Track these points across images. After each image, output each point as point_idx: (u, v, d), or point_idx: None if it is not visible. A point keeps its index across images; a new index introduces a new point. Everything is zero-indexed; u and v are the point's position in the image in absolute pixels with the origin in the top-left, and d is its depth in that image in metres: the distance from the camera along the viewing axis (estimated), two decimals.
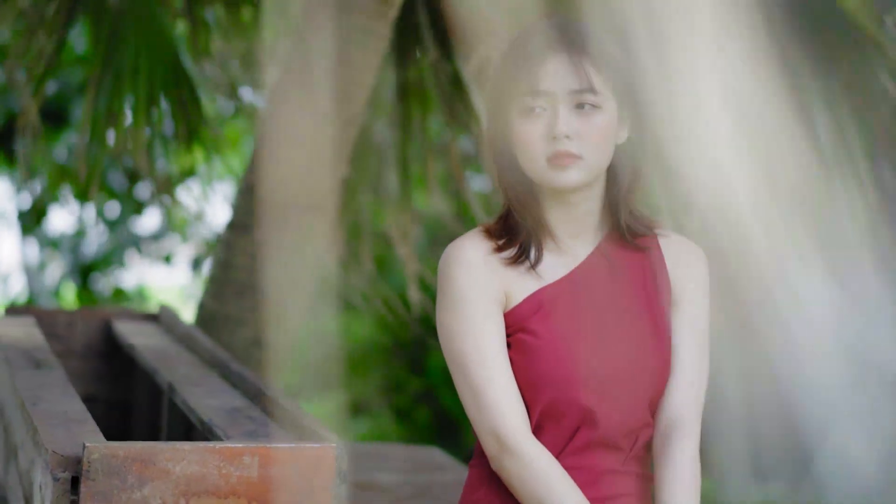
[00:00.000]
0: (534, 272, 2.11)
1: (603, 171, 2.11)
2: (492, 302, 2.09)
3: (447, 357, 2.11)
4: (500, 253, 2.11)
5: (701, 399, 2.15)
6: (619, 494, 2.12)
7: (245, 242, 3.63)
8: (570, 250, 2.14)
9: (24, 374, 2.64)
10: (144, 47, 3.79)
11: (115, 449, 1.98)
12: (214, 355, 2.86)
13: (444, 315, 2.11)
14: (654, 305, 2.14)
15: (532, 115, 2.07)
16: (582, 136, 2.05)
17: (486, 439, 2.07)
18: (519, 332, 2.09)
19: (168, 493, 2.00)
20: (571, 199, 2.11)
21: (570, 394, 2.07)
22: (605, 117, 2.06)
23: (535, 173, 2.09)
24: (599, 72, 2.06)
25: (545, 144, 2.06)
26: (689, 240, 2.21)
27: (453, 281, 2.10)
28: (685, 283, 2.17)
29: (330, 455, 2.07)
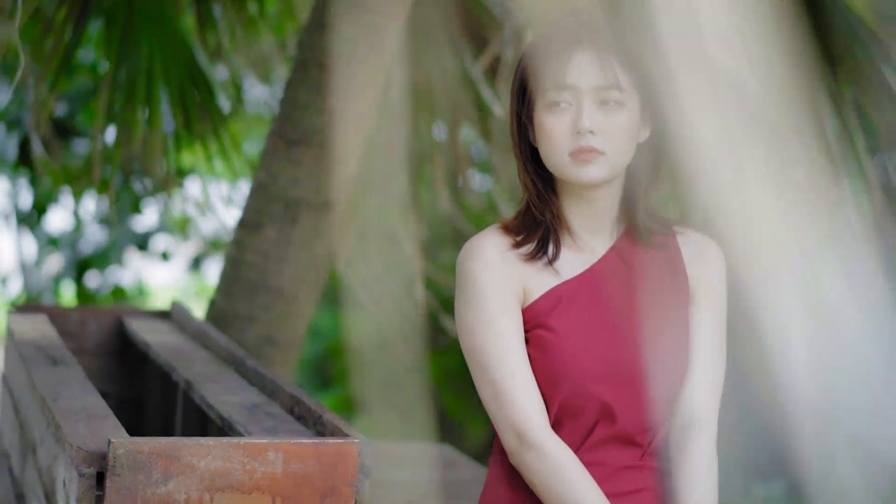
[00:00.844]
0: (551, 268, 2.13)
1: (624, 168, 2.12)
2: (510, 297, 2.10)
3: (466, 353, 2.13)
4: (518, 249, 2.12)
5: (718, 396, 2.17)
6: (636, 490, 2.13)
7: (256, 240, 3.63)
8: (587, 247, 2.15)
9: (42, 371, 2.64)
10: (158, 48, 3.79)
11: (140, 444, 1.99)
12: (230, 352, 2.87)
13: (462, 311, 2.12)
14: (671, 301, 2.16)
15: (557, 109, 2.08)
16: (605, 132, 2.06)
17: (506, 435, 2.08)
18: (537, 328, 2.10)
19: (192, 488, 2.01)
20: (591, 196, 2.12)
21: (589, 389, 2.08)
22: (629, 115, 2.08)
23: (557, 167, 2.10)
24: (625, 69, 2.07)
25: (569, 139, 2.07)
26: (706, 237, 2.22)
27: (472, 277, 2.11)
28: (702, 280, 2.18)
29: (353, 451, 2.08)
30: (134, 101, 3.81)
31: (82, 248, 8.59)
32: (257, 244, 3.63)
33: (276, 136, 3.65)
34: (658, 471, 2.16)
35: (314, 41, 3.60)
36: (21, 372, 2.88)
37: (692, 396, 2.15)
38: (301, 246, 3.62)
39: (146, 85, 3.76)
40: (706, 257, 2.20)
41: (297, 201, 3.60)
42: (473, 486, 3.27)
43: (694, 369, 2.16)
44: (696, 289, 2.18)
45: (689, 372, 2.15)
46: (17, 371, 2.99)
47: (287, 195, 3.61)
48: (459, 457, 3.58)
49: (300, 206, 3.60)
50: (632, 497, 2.12)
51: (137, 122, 3.83)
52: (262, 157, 3.71)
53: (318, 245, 3.65)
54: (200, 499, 2.02)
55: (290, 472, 2.05)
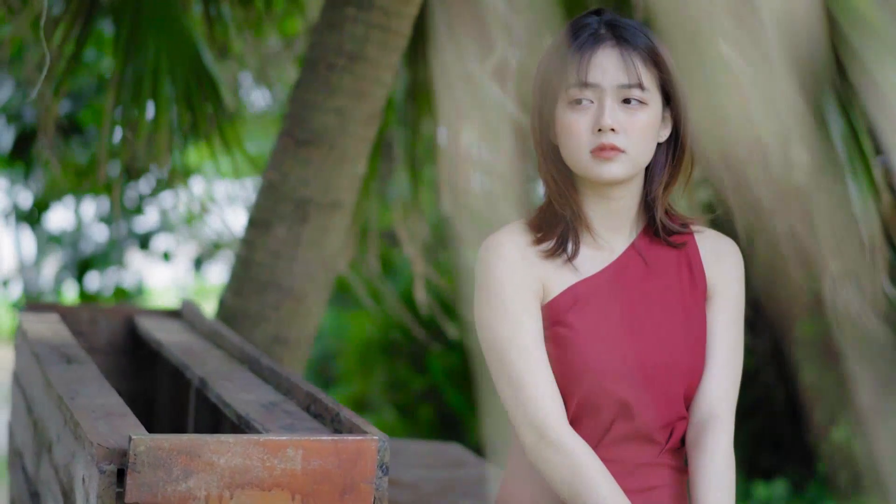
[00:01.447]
0: (571, 265, 2.14)
1: (644, 166, 2.14)
2: (529, 294, 2.11)
3: (485, 349, 2.14)
4: (538, 246, 2.14)
5: (735, 393, 2.18)
6: (653, 487, 2.15)
7: (266, 240, 3.64)
8: (606, 245, 2.16)
9: (57, 370, 2.65)
10: (165, 47, 3.80)
11: (160, 441, 2.00)
12: (243, 350, 2.88)
13: (482, 308, 2.13)
14: (689, 299, 2.17)
15: (578, 107, 2.09)
16: (627, 130, 2.08)
17: (525, 431, 2.09)
18: (556, 325, 2.11)
19: (213, 485, 2.02)
20: (611, 194, 2.14)
21: (607, 386, 2.09)
22: (651, 114, 2.09)
23: (578, 165, 2.11)
24: (647, 68, 2.09)
25: (590, 137, 2.09)
26: (723, 235, 2.24)
27: (491, 273, 2.12)
28: (720, 278, 2.20)
29: (372, 448, 2.09)
30: (140, 101, 3.82)
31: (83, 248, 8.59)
32: (267, 243, 3.64)
33: (285, 135, 3.66)
34: (676, 468, 2.17)
35: (324, 41, 3.61)
36: (34, 371, 2.89)
37: (709, 394, 2.16)
38: (310, 245, 3.63)
39: (152, 84, 3.77)
40: (723, 256, 2.21)
41: (307, 201, 3.61)
42: (481, 485, 3.29)
43: (711, 367, 2.17)
44: (714, 287, 2.19)
45: (706, 369, 2.17)
46: (30, 370, 3.00)
47: (297, 194, 3.62)
48: (468, 455, 3.59)
49: (310, 205, 3.62)
50: (649, 494, 2.13)
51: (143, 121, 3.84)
52: (271, 157, 3.72)
53: (327, 244, 3.66)
54: (220, 496, 2.03)
55: (310, 469, 2.06)
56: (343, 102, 3.59)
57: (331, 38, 3.59)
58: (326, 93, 3.60)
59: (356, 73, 3.59)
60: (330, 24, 3.61)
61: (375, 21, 3.57)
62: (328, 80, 3.59)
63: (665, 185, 2.16)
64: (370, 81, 3.61)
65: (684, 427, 2.17)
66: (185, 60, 3.86)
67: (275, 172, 3.66)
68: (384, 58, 3.61)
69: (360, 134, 3.63)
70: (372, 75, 3.60)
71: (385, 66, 3.62)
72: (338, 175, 3.63)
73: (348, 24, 3.57)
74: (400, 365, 8.39)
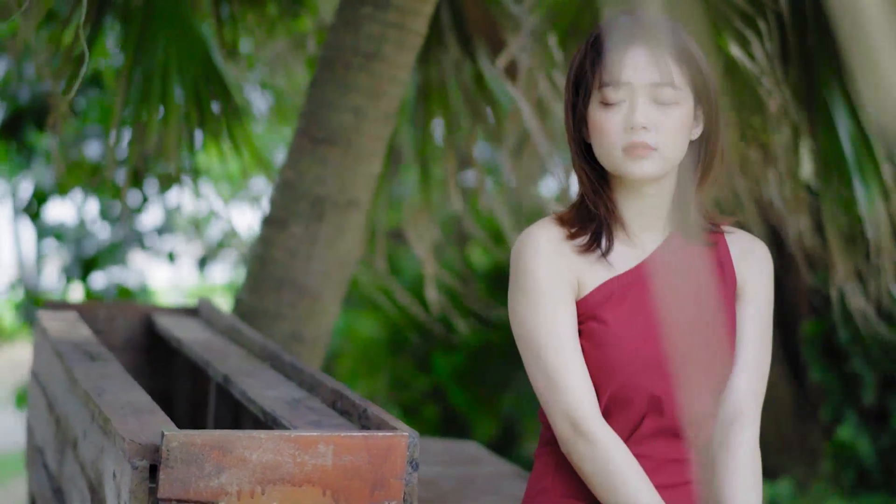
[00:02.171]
0: (605, 261, 2.15)
1: (676, 164, 2.15)
2: (565, 288, 2.13)
3: (519, 342, 2.15)
4: (572, 241, 2.15)
5: (762, 391, 2.19)
6: (681, 483, 2.16)
7: (282, 238, 3.65)
8: (639, 241, 2.18)
9: (82, 367, 2.66)
10: (174, 46, 3.80)
11: (193, 437, 2.01)
12: (264, 347, 2.89)
13: (517, 301, 2.15)
14: (719, 299, 2.19)
15: (610, 105, 2.11)
16: (658, 128, 2.09)
17: (560, 423, 2.10)
18: (589, 321, 2.13)
19: (244, 480, 2.03)
20: (643, 191, 2.15)
21: (638, 382, 2.11)
22: (682, 112, 2.11)
23: (610, 163, 2.13)
24: (680, 66, 2.10)
25: (622, 135, 2.10)
26: (753, 236, 2.25)
27: (527, 267, 2.13)
28: (750, 279, 2.22)
29: (402, 444, 2.10)
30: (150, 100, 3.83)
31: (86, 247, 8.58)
32: (283, 241, 3.65)
33: (302, 134, 3.67)
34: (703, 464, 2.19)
35: (340, 40, 3.62)
36: (57, 368, 2.90)
37: (736, 391, 2.18)
38: (327, 243, 3.64)
39: (161, 83, 3.78)
40: (754, 257, 2.23)
41: (323, 199, 3.63)
42: (499, 482, 3.30)
43: (739, 365, 2.19)
44: (744, 287, 2.21)
45: (734, 367, 2.18)
46: (50, 367, 3.01)
47: (313, 193, 3.63)
48: (484, 452, 3.61)
49: (326, 203, 3.63)
50: (677, 490, 2.15)
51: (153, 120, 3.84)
52: (288, 155, 3.73)
53: (343, 243, 3.67)
54: (252, 491, 2.04)
55: (341, 464, 2.07)
56: (359, 101, 3.60)
57: (347, 37, 3.61)
58: (343, 92, 3.61)
59: (372, 71, 3.60)
60: (346, 22, 3.62)
61: (392, 20, 3.58)
62: (344, 79, 3.60)
63: (698, 183, 2.18)
64: (386, 80, 3.62)
65: (713, 424, 2.18)
66: (195, 59, 3.87)
67: (291, 171, 3.67)
68: (400, 56, 3.62)
69: (376, 133, 3.65)
70: (388, 74, 3.62)
71: (401, 65, 3.63)
72: (354, 173, 3.64)
73: (365, 23, 3.58)
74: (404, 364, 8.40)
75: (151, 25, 3.82)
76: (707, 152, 2.17)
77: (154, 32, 3.83)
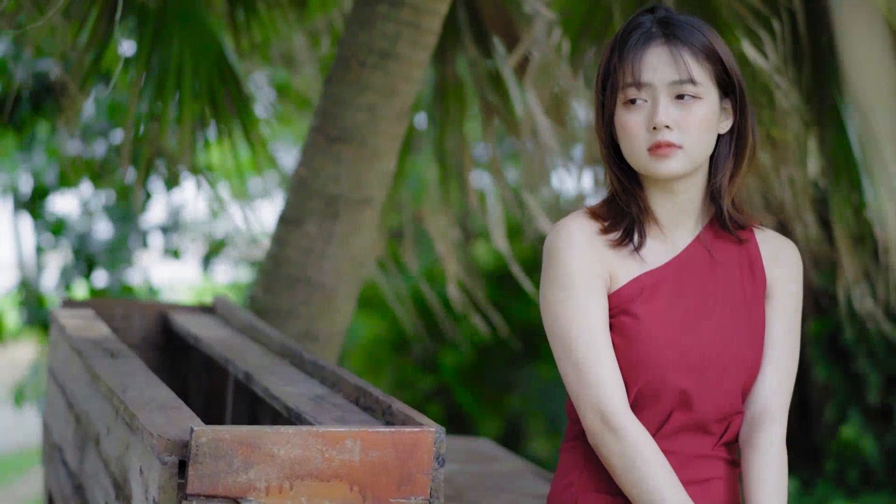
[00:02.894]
0: (637, 256, 2.16)
1: (704, 160, 2.16)
2: (597, 281, 2.14)
3: (550, 334, 2.15)
4: (605, 235, 2.16)
5: (789, 390, 2.20)
6: (708, 479, 2.17)
7: (297, 236, 3.66)
8: (671, 237, 2.19)
9: (103, 364, 2.67)
10: (189, 45, 3.81)
11: (221, 433, 2.02)
12: (284, 345, 2.90)
13: (549, 293, 2.15)
14: (749, 296, 2.20)
15: (633, 106, 2.12)
16: (682, 126, 2.10)
17: (589, 416, 2.11)
18: (621, 315, 2.14)
19: (273, 476, 2.04)
20: (675, 188, 2.16)
21: (668, 376, 2.11)
22: (706, 107, 2.11)
23: (636, 163, 2.14)
24: (699, 62, 2.11)
25: (646, 135, 2.11)
26: (784, 237, 2.26)
27: (560, 258, 2.14)
28: (779, 279, 2.23)
29: (429, 439, 2.11)
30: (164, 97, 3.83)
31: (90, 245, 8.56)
32: (298, 240, 3.66)
33: (316, 132, 3.68)
34: (729, 461, 2.20)
35: (355, 38, 3.63)
36: (76, 365, 2.91)
37: (764, 389, 2.19)
38: (341, 241, 3.65)
39: (176, 80, 3.78)
40: (784, 258, 2.24)
41: (338, 197, 3.64)
42: (515, 479, 3.31)
43: (767, 364, 2.20)
44: (773, 287, 2.22)
45: (762, 366, 2.20)
46: (69, 365, 3.02)
47: (327, 191, 3.64)
48: (499, 449, 3.62)
49: (340, 201, 3.64)
50: (703, 486, 2.15)
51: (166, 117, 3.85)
52: (302, 154, 3.74)
53: (357, 241, 3.68)
54: (280, 487, 2.04)
55: (368, 460, 2.08)
56: (374, 99, 3.61)
57: (362, 36, 3.61)
58: (357, 90, 3.62)
59: (387, 70, 3.61)
60: (361, 21, 3.63)
61: (406, 18, 3.59)
62: (359, 78, 3.61)
63: (730, 177, 2.18)
64: (401, 78, 3.63)
65: (740, 421, 2.19)
66: (210, 57, 3.87)
67: (305, 169, 3.68)
68: (415, 55, 3.63)
69: (391, 131, 3.66)
70: (402, 72, 3.62)
71: (415, 64, 3.64)
72: (368, 171, 3.65)
73: (379, 22, 3.59)
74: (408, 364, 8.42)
75: (166, 23, 3.83)
76: (737, 146, 2.18)
77: (169, 30, 3.83)
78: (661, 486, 2.07)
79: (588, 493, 2.17)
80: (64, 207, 8.76)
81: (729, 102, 2.17)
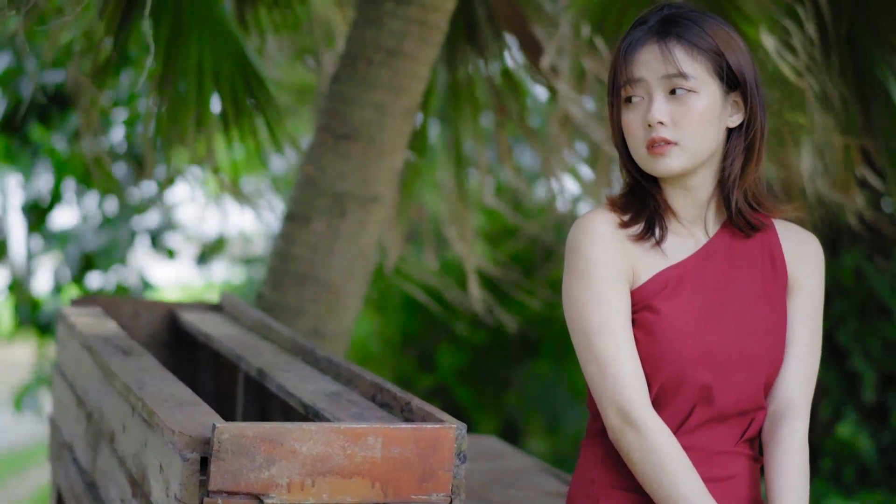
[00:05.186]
0: (659, 250, 2.16)
1: (708, 154, 2.15)
2: (620, 276, 2.13)
3: (572, 329, 2.15)
4: (627, 228, 2.16)
5: (812, 385, 2.20)
6: (730, 476, 2.17)
7: (304, 234, 3.66)
8: (692, 232, 2.19)
9: (117, 361, 2.66)
10: (208, 44, 3.79)
11: (244, 429, 2.01)
12: (296, 342, 2.89)
13: (572, 287, 2.15)
14: (770, 291, 2.20)
15: (631, 104, 2.13)
16: (677, 121, 2.10)
17: (609, 411, 2.11)
18: (643, 310, 2.14)
19: (295, 472, 2.04)
20: (687, 184, 2.16)
21: (690, 372, 2.11)
22: (703, 101, 2.10)
23: (639, 161, 2.14)
24: (691, 56, 2.10)
25: (643, 132, 2.12)
26: (805, 230, 2.26)
27: (583, 253, 2.14)
28: (801, 273, 2.22)
29: (450, 436, 2.11)
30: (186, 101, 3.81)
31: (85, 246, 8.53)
32: (305, 238, 3.66)
33: (323, 130, 3.68)
34: (752, 457, 2.20)
35: (362, 36, 3.63)
36: (87, 363, 2.90)
37: (786, 385, 2.19)
38: (348, 239, 3.65)
39: (197, 82, 3.76)
40: (805, 251, 2.24)
41: (345, 195, 3.63)
42: (526, 476, 3.31)
43: (789, 358, 2.20)
44: (795, 280, 2.22)
45: (784, 360, 2.20)
46: (79, 362, 3.01)
47: (335, 189, 3.64)
48: (507, 447, 3.62)
49: (348, 199, 3.64)
50: (725, 483, 2.15)
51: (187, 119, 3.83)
52: (309, 151, 3.74)
53: (365, 238, 3.68)
54: (302, 483, 2.04)
55: (390, 456, 2.08)
56: (381, 97, 3.61)
57: (369, 34, 3.61)
58: (365, 88, 3.62)
59: (394, 67, 3.61)
60: (368, 19, 3.63)
61: (414, 16, 3.59)
62: (367, 75, 3.61)
63: (742, 170, 2.17)
64: (408, 76, 3.63)
65: (763, 417, 2.19)
66: (230, 57, 3.85)
67: (313, 167, 3.68)
68: (422, 52, 3.63)
69: (398, 128, 3.66)
70: (410, 70, 3.62)
71: (423, 61, 3.64)
72: (376, 169, 3.65)
73: (387, 20, 3.59)
74: (408, 362, 8.40)
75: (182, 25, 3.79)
76: (748, 140, 2.17)
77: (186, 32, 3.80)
78: (682, 482, 2.07)
79: (609, 490, 2.17)
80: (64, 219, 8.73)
81: (739, 96, 2.16)
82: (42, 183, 8.22)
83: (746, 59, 2.15)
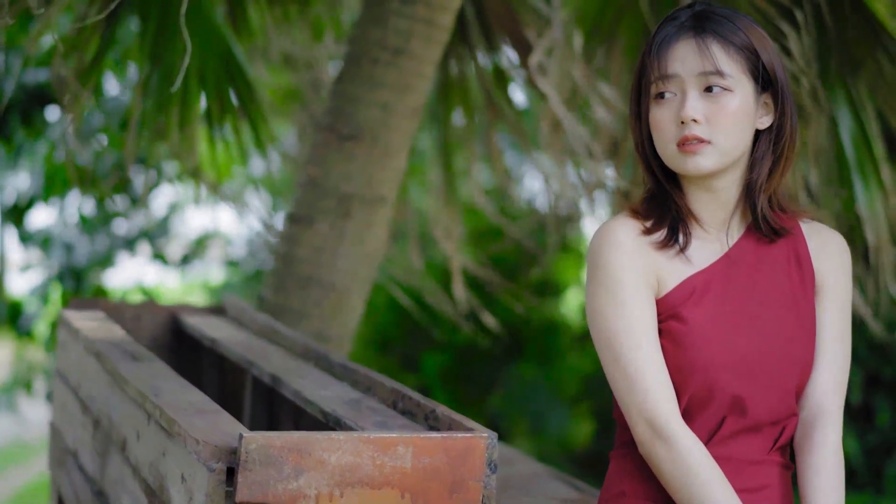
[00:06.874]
0: (683, 257, 2.11)
1: (738, 155, 2.10)
2: (644, 285, 2.08)
3: (597, 340, 2.09)
4: (649, 236, 2.11)
5: (843, 387, 2.15)
6: (763, 486, 2.12)
7: (308, 235, 3.60)
8: (716, 236, 2.14)
9: (128, 367, 2.60)
10: (195, 43, 3.73)
11: (271, 439, 1.96)
12: (307, 347, 2.84)
13: (595, 297, 2.09)
14: (798, 294, 2.15)
15: (662, 100, 2.07)
16: (711, 120, 2.05)
17: (638, 425, 2.05)
18: (670, 320, 2.08)
19: (323, 483, 1.98)
20: (712, 186, 2.11)
21: (720, 381, 2.06)
22: (737, 101, 2.06)
23: (667, 159, 2.09)
24: (728, 54, 2.06)
25: (674, 129, 2.06)
26: (831, 229, 2.21)
27: (606, 262, 2.08)
28: (828, 273, 2.17)
29: (481, 445, 2.06)
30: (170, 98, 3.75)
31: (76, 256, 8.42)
32: (309, 239, 3.60)
33: (327, 130, 3.62)
34: (784, 465, 2.16)
35: (367, 35, 3.58)
36: (92, 368, 2.83)
37: (818, 388, 2.14)
38: (353, 240, 3.60)
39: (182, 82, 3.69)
40: (832, 251, 2.19)
41: (350, 196, 3.58)
42: (535, 482, 3.26)
43: (820, 362, 2.15)
44: (822, 282, 2.17)
45: (814, 364, 2.15)
46: (84, 367, 2.94)
47: (339, 190, 3.58)
48: (515, 453, 3.57)
49: (353, 200, 3.58)
50: (758, 494, 2.10)
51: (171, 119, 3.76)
52: (311, 152, 3.68)
53: (369, 239, 3.63)
54: (331, 494, 1.99)
55: (420, 466, 2.03)
56: (387, 97, 3.56)
57: (374, 33, 3.57)
58: (370, 87, 3.57)
59: (400, 67, 3.56)
60: (373, 18, 3.58)
61: (419, 15, 3.54)
62: (372, 75, 3.56)
63: (769, 174, 2.13)
64: (413, 75, 3.58)
65: (795, 423, 2.14)
66: (215, 56, 3.79)
67: (316, 168, 3.62)
68: (427, 52, 3.58)
69: (403, 128, 3.61)
70: (415, 69, 3.58)
71: (428, 60, 3.60)
72: (381, 169, 3.60)
73: (392, 19, 3.54)
74: (392, 363, 8.35)
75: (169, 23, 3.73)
76: (777, 143, 2.13)
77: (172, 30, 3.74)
78: (715, 495, 2.02)
79: (641, 503, 2.12)
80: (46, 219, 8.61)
81: (770, 97, 2.12)
82: (21, 181, 8.12)
83: (778, 59, 2.12)
